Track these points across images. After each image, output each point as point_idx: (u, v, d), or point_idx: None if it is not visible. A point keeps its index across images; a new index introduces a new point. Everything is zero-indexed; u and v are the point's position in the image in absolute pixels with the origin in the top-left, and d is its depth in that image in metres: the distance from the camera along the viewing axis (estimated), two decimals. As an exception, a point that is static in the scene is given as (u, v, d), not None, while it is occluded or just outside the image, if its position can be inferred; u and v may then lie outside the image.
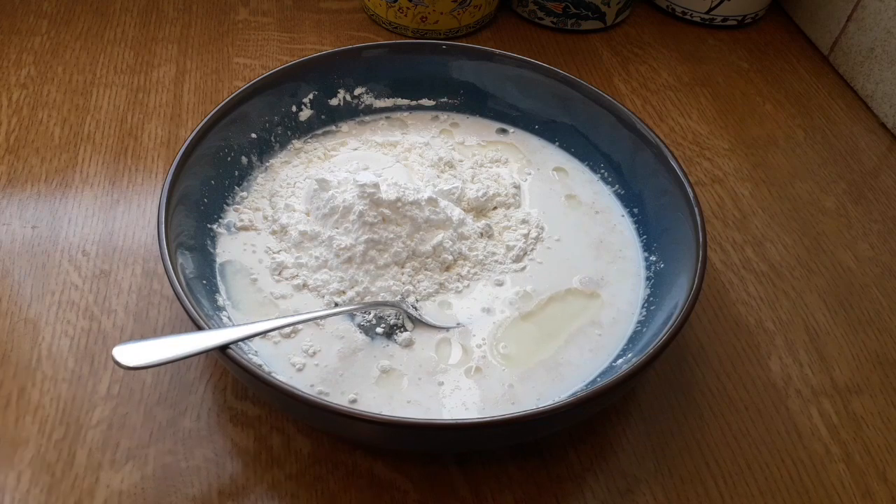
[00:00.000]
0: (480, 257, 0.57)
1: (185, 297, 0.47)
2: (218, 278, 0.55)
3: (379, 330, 0.53)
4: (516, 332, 0.54)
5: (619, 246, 0.60)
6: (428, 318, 0.54)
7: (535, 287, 0.56)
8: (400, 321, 0.53)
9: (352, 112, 0.68)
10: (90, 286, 0.57)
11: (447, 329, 0.53)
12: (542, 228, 0.60)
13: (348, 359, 0.51)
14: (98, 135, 0.68)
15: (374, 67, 0.67)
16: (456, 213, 0.58)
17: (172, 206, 0.52)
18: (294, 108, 0.65)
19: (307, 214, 0.58)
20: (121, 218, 0.62)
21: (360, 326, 0.53)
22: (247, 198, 0.60)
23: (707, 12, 0.87)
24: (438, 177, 0.62)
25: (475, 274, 0.56)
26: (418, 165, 0.64)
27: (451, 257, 0.56)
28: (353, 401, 0.49)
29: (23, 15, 0.79)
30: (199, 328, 0.46)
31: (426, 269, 0.56)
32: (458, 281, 0.56)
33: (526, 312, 0.55)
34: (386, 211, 0.55)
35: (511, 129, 0.68)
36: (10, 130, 0.68)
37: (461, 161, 0.64)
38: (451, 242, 0.56)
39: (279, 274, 0.56)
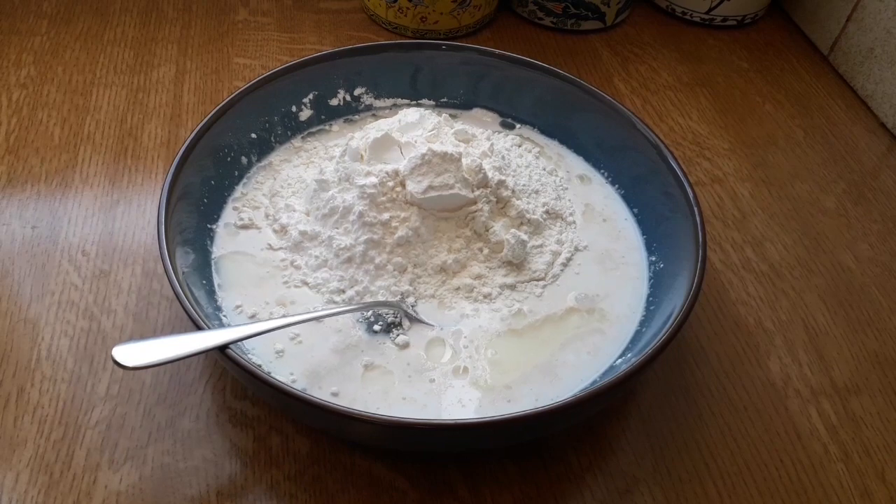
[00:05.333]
0: (482, 261, 0.57)
1: (184, 297, 0.47)
2: (217, 278, 0.55)
3: (377, 328, 0.53)
4: (509, 337, 0.53)
5: (622, 252, 0.60)
6: (425, 317, 0.54)
7: (531, 307, 0.55)
8: (398, 319, 0.53)
9: (352, 112, 0.68)
10: (90, 286, 0.57)
11: (441, 328, 0.53)
12: (560, 242, 0.59)
13: (341, 353, 0.51)
14: (98, 135, 0.68)
15: (373, 67, 0.67)
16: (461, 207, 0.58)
17: (172, 205, 0.53)
18: (294, 108, 0.65)
19: (307, 214, 0.58)
20: (121, 218, 0.62)
21: (357, 322, 0.53)
22: (246, 195, 0.60)
23: (707, 12, 0.87)
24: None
25: (479, 276, 0.56)
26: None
27: (451, 260, 0.56)
28: (335, 394, 0.49)
29: (23, 15, 0.79)
30: (199, 328, 0.46)
31: (426, 272, 0.56)
32: (458, 288, 0.56)
33: (518, 328, 0.54)
34: (388, 204, 0.55)
35: (516, 126, 0.68)
36: (10, 130, 0.68)
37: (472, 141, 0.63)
38: (456, 247, 0.56)
39: (279, 272, 0.56)
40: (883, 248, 0.66)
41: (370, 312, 0.54)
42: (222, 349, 0.45)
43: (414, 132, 0.59)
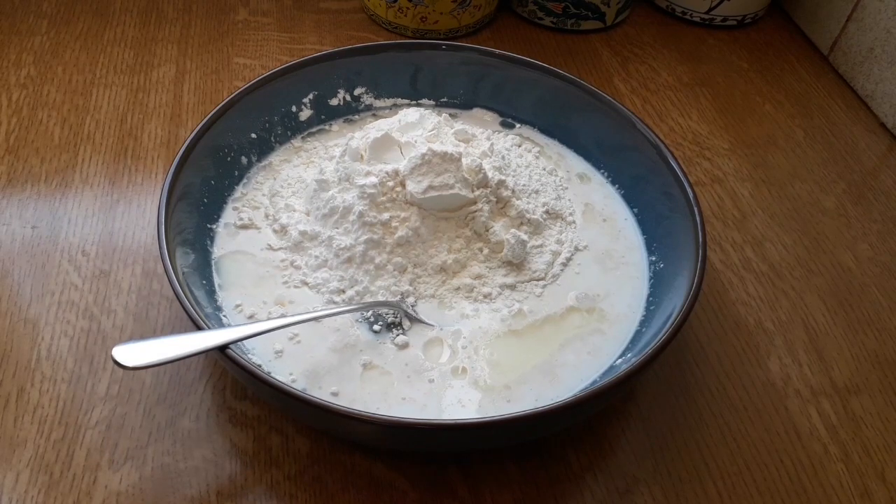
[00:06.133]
0: (481, 262, 0.57)
1: (184, 297, 0.47)
2: (217, 278, 0.55)
3: (376, 328, 0.53)
4: (508, 337, 0.53)
5: (622, 252, 0.60)
6: (425, 317, 0.54)
7: (531, 307, 0.55)
8: (398, 319, 0.53)
9: (352, 112, 0.68)
10: (90, 286, 0.57)
11: (441, 328, 0.53)
12: (560, 242, 0.59)
13: (339, 353, 0.51)
14: (98, 135, 0.68)
15: (373, 67, 0.67)
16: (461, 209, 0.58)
17: (172, 205, 0.53)
18: (294, 108, 0.65)
19: (307, 214, 0.58)
20: (121, 218, 0.62)
21: (356, 322, 0.53)
22: (246, 195, 0.60)
23: (707, 12, 0.87)
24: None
25: (479, 276, 0.56)
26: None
27: (451, 260, 0.56)
28: (335, 393, 0.49)
29: (23, 15, 0.79)
30: (199, 328, 0.46)
31: (426, 272, 0.56)
32: (458, 288, 0.56)
33: (518, 329, 0.54)
34: (388, 204, 0.55)
35: (516, 126, 0.69)
36: (10, 130, 0.68)
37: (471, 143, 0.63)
38: (456, 247, 0.56)
39: (279, 272, 0.56)
40: (883, 248, 0.66)
41: (370, 312, 0.54)
42: (222, 349, 0.45)
43: (414, 132, 0.59)
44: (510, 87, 0.68)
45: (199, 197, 0.57)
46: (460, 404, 0.49)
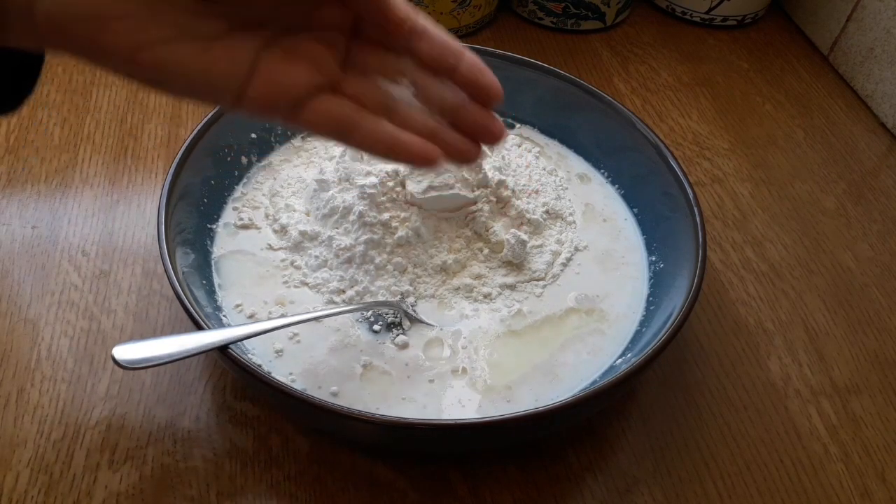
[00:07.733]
0: (481, 262, 0.57)
1: (184, 297, 0.47)
2: (217, 277, 0.55)
3: (376, 328, 0.53)
4: (508, 338, 0.53)
5: (622, 252, 0.60)
6: (425, 317, 0.54)
7: (531, 308, 0.55)
8: (398, 319, 0.53)
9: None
10: (90, 286, 0.57)
11: (441, 328, 0.53)
12: (560, 242, 0.59)
13: (338, 352, 0.51)
14: (98, 135, 0.68)
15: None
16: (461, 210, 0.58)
17: (172, 205, 0.53)
18: (294, 108, 0.65)
19: (307, 214, 0.58)
20: (121, 218, 0.62)
21: (356, 322, 0.53)
22: (246, 195, 0.60)
23: (707, 12, 0.87)
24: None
25: (479, 276, 0.56)
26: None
27: (451, 260, 0.56)
28: (335, 393, 0.49)
29: (23, 15, 0.79)
30: (199, 328, 0.46)
31: (426, 272, 0.56)
32: (458, 288, 0.56)
33: (518, 329, 0.54)
34: (388, 204, 0.55)
35: (516, 126, 0.68)
36: (10, 130, 0.68)
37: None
38: (456, 247, 0.56)
39: (279, 272, 0.56)
40: (883, 248, 0.66)
41: (370, 312, 0.54)
42: (222, 349, 0.45)
43: None
44: (510, 87, 0.66)
45: (199, 197, 0.57)
46: (460, 404, 0.49)
